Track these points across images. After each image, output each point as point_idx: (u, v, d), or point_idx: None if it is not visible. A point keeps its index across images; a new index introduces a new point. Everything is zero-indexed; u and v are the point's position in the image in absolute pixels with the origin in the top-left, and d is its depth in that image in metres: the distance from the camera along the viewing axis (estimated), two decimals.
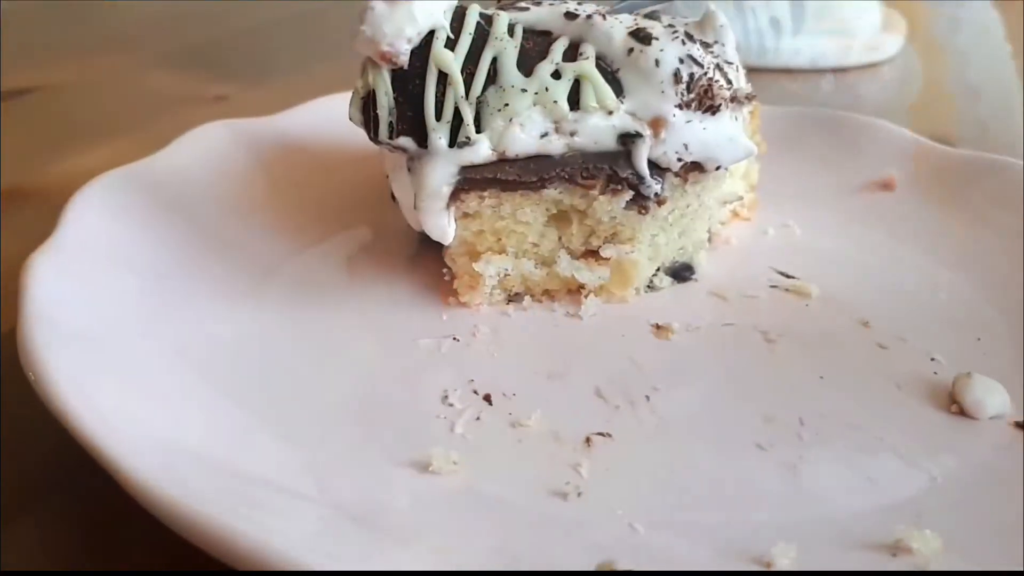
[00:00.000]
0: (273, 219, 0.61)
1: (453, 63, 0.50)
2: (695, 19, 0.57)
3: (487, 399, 0.47)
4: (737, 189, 0.63)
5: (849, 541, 0.38)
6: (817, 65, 1.05)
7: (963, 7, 1.33)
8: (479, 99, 0.51)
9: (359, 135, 0.54)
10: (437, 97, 0.51)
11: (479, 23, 0.52)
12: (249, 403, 0.45)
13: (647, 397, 0.47)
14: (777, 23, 1.05)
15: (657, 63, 0.52)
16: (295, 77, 0.98)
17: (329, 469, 0.41)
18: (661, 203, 0.54)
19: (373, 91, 0.51)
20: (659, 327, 0.53)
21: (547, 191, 0.53)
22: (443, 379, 0.48)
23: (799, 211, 0.66)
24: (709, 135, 0.53)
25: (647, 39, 0.52)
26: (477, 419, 0.45)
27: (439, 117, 0.51)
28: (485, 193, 0.53)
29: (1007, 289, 0.56)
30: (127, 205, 0.55)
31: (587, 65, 0.51)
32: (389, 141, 0.52)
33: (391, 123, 0.51)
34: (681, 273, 0.58)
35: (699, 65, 0.53)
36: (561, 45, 0.52)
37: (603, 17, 0.53)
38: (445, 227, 0.53)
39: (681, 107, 0.52)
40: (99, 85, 0.97)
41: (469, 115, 0.51)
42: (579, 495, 0.40)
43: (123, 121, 0.85)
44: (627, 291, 0.56)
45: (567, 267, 0.55)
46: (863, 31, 1.08)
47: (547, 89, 0.51)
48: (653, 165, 0.53)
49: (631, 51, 0.52)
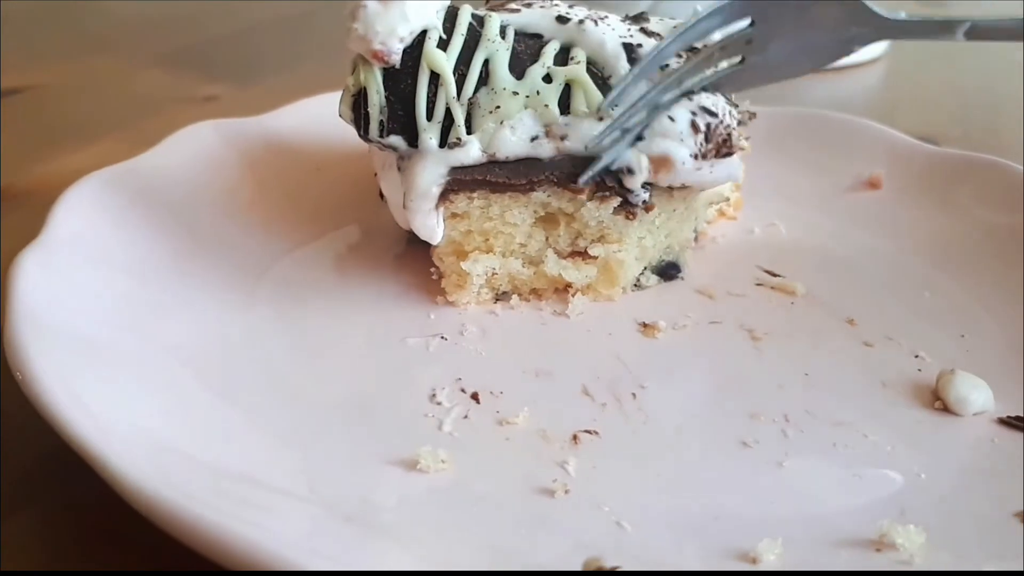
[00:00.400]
0: (262, 219, 0.61)
1: (445, 63, 0.50)
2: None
3: (475, 397, 0.47)
4: (723, 189, 0.63)
5: (834, 537, 0.38)
6: None
7: (948, 7, 1.34)
8: (471, 100, 0.51)
9: (348, 135, 0.54)
10: (428, 97, 0.51)
11: (471, 24, 0.52)
12: (238, 402, 0.45)
13: (634, 395, 0.48)
14: None
15: (672, 119, 0.52)
16: (284, 77, 0.98)
17: (318, 468, 0.41)
18: (649, 210, 0.54)
19: (364, 89, 0.51)
20: (646, 325, 0.54)
21: (536, 194, 0.53)
22: (431, 378, 0.48)
23: (785, 210, 0.66)
24: (711, 176, 0.53)
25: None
26: (465, 417, 0.45)
27: (430, 117, 0.51)
28: (474, 194, 0.53)
29: (991, 287, 0.56)
30: (115, 204, 0.55)
31: (578, 70, 0.52)
32: (379, 139, 0.52)
33: (382, 122, 0.51)
34: (668, 272, 0.58)
35: (714, 115, 0.52)
36: (552, 48, 0.52)
37: (595, 23, 0.53)
38: (434, 227, 0.53)
39: (696, 157, 0.52)
40: (89, 85, 0.97)
41: (460, 116, 0.51)
42: (566, 492, 0.41)
43: (113, 121, 0.85)
44: (614, 290, 0.56)
45: (554, 266, 0.55)
46: None
47: (538, 93, 0.51)
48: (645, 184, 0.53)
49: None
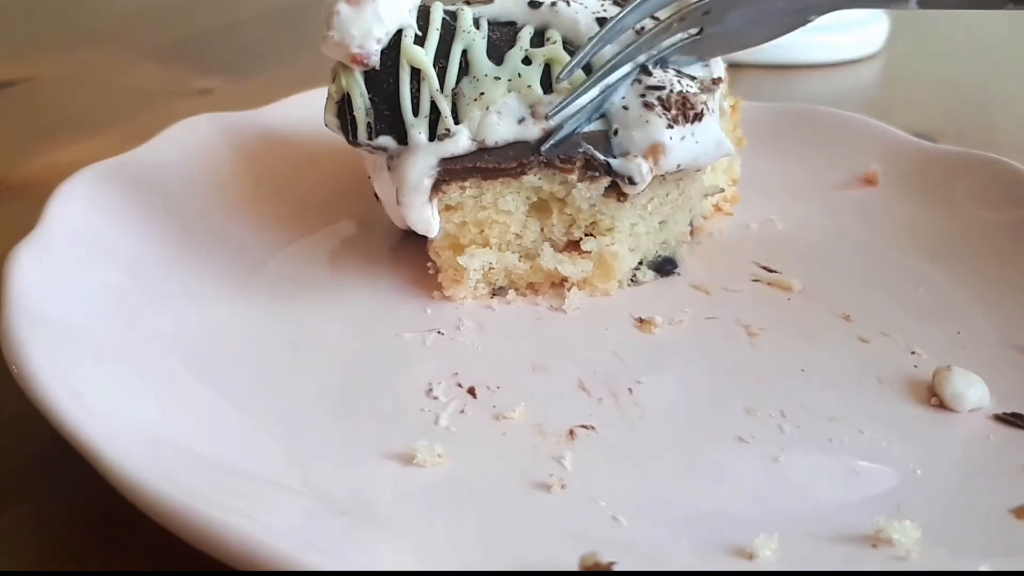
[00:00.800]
0: (257, 213, 0.61)
1: (424, 58, 0.51)
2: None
3: (471, 392, 0.47)
4: (719, 183, 0.63)
5: (830, 532, 0.38)
6: (800, 61, 1.05)
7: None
8: (454, 91, 0.51)
9: None
10: (412, 93, 0.51)
11: (444, 19, 0.52)
12: (233, 396, 0.45)
13: (630, 390, 0.47)
14: None
15: (627, 108, 0.52)
16: (279, 71, 0.98)
17: (314, 462, 0.41)
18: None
19: (347, 95, 0.51)
20: (642, 320, 0.54)
21: (527, 177, 0.53)
22: (427, 372, 0.48)
23: (781, 206, 0.66)
24: (700, 147, 0.53)
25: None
26: (461, 412, 0.45)
27: (416, 112, 0.51)
28: (466, 183, 0.53)
29: (987, 283, 0.56)
30: (111, 198, 0.55)
31: (556, 48, 0.52)
32: (368, 142, 0.52)
33: (369, 124, 0.51)
34: (664, 267, 0.58)
35: (660, 88, 0.53)
36: (527, 33, 0.53)
37: (567, 2, 0.54)
38: (429, 220, 0.53)
39: (672, 126, 0.52)
40: (83, 78, 0.96)
41: (446, 107, 0.51)
42: (562, 487, 0.40)
43: (107, 114, 0.85)
44: (610, 284, 0.56)
45: (550, 260, 0.55)
46: (846, 27, 1.09)
47: (520, 75, 0.51)
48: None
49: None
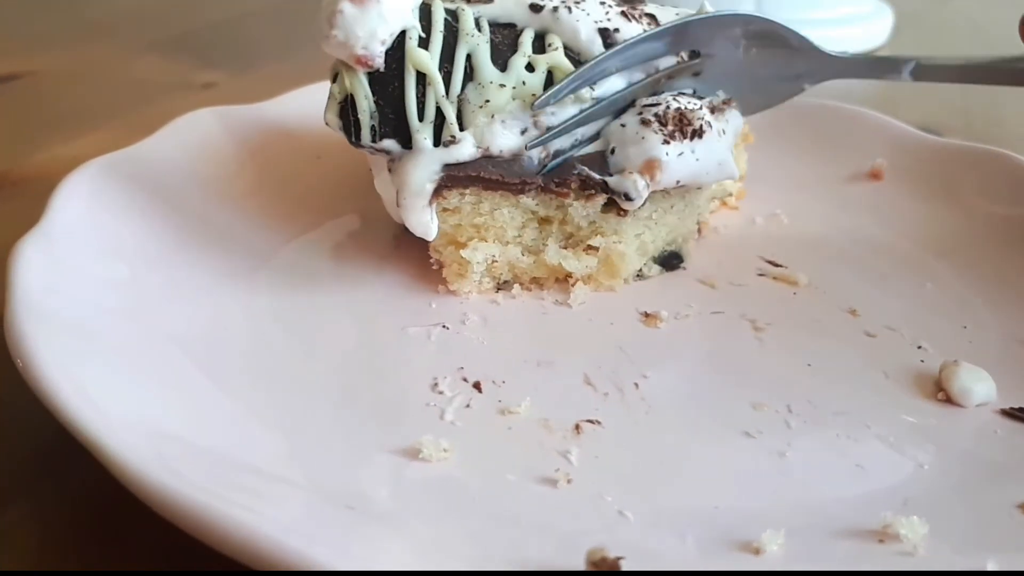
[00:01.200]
0: (261, 207, 0.61)
1: (430, 63, 0.50)
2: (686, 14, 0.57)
3: (477, 387, 0.47)
4: (727, 184, 0.63)
5: (837, 527, 0.38)
6: None
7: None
8: (459, 97, 0.51)
9: None
10: (418, 97, 0.50)
11: (446, 19, 0.52)
12: (238, 390, 0.45)
13: (636, 384, 0.47)
14: (763, 11, 1.05)
15: (623, 126, 0.53)
16: (283, 64, 0.98)
17: (319, 456, 0.41)
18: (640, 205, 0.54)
19: (350, 95, 0.51)
20: (648, 315, 0.53)
21: (524, 198, 0.53)
22: (433, 367, 0.48)
23: (787, 200, 0.66)
24: (700, 164, 0.53)
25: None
26: (467, 406, 0.45)
27: (422, 117, 0.50)
28: (466, 191, 0.53)
29: (994, 278, 0.56)
30: (115, 192, 0.55)
31: (558, 56, 0.52)
32: (372, 145, 0.51)
33: (373, 127, 0.51)
34: (670, 262, 0.58)
35: (655, 104, 0.53)
36: (528, 37, 0.52)
37: (569, 9, 0.53)
38: (428, 223, 0.53)
39: (668, 141, 0.52)
40: (86, 72, 0.96)
41: (451, 113, 0.50)
42: (568, 482, 0.40)
43: (110, 108, 0.84)
44: (615, 280, 0.56)
45: (554, 255, 0.55)
46: (850, 21, 1.08)
47: (524, 83, 0.51)
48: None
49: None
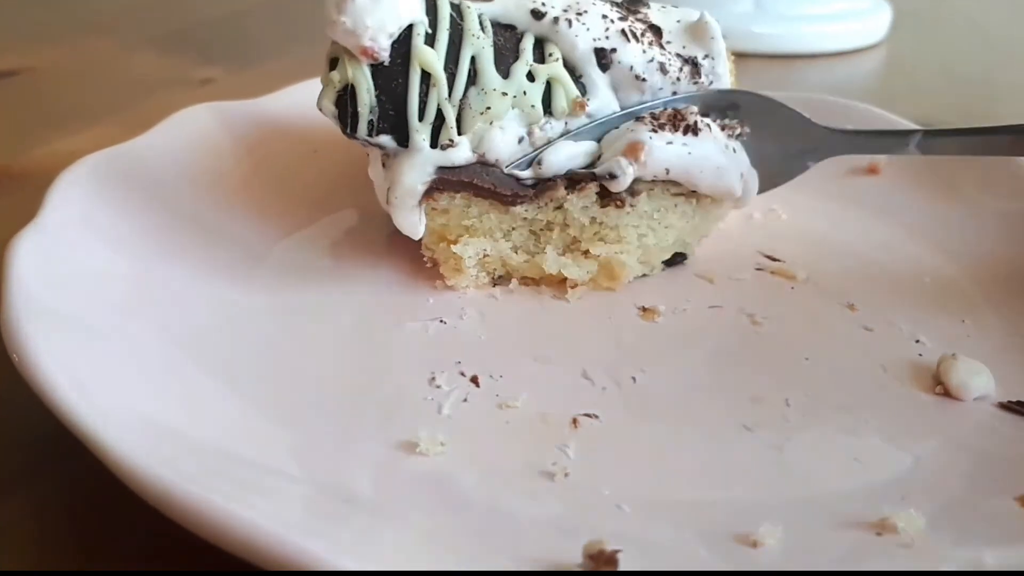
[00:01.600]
0: (258, 202, 0.61)
1: (437, 63, 0.49)
2: (689, 18, 0.57)
3: (474, 381, 0.47)
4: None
5: (835, 520, 0.38)
6: (803, 50, 1.05)
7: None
8: (461, 101, 0.50)
9: None
10: (420, 97, 0.50)
11: (452, 16, 0.51)
12: (235, 385, 0.45)
13: (633, 379, 0.47)
14: (762, 7, 1.05)
15: (616, 127, 0.53)
16: (280, 60, 0.98)
17: (316, 450, 0.41)
18: (635, 194, 0.53)
19: (350, 85, 0.50)
20: (645, 309, 0.53)
21: (515, 209, 0.53)
22: (430, 361, 0.48)
23: (785, 195, 0.66)
24: (692, 159, 0.53)
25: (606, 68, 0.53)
26: (464, 401, 0.45)
27: (422, 117, 0.50)
28: (457, 194, 0.53)
29: (992, 272, 0.56)
30: (112, 187, 0.55)
31: (557, 67, 0.52)
32: (367, 138, 0.51)
33: (371, 121, 0.50)
34: (673, 259, 0.58)
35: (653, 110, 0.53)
36: (529, 42, 0.52)
37: (569, 23, 0.53)
38: (415, 223, 0.53)
39: (656, 130, 0.52)
40: (84, 68, 0.96)
41: (452, 116, 0.50)
42: (566, 476, 0.40)
43: (108, 103, 0.84)
44: (616, 284, 0.55)
45: (553, 264, 0.54)
46: (848, 16, 1.08)
47: (524, 93, 0.51)
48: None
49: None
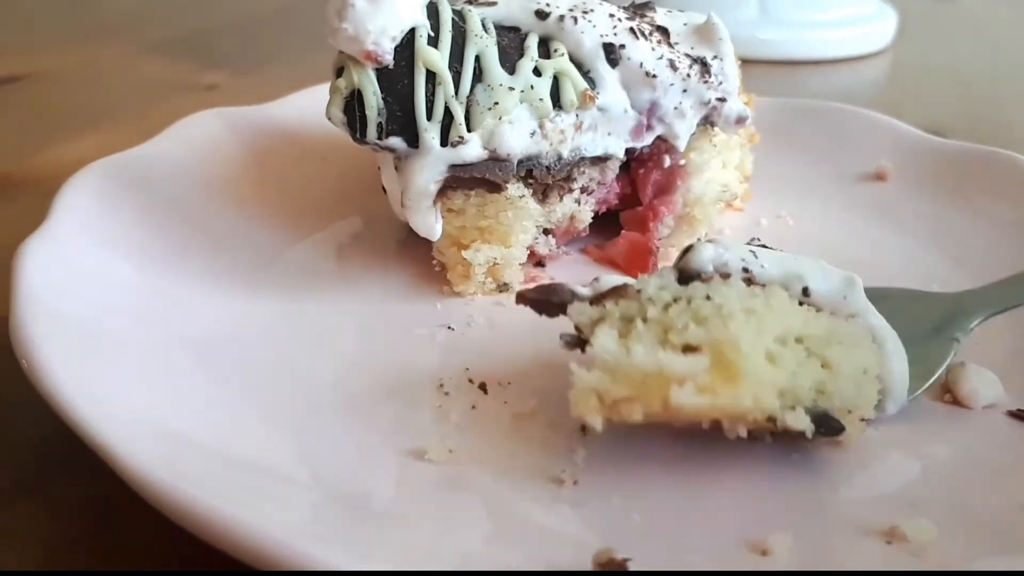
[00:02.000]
0: (266, 208, 0.61)
1: (441, 62, 0.50)
2: (695, 22, 0.57)
3: (482, 388, 0.47)
4: (731, 182, 0.63)
5: (845, 528, 0.38)
6: (810, 56, 1.05)
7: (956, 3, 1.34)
8: (468, 98, 0.51)
9: None
10: (427, 96, 0.50)
11: (454, 19, 0.52)
12: (244, 391, 0.45)
13: None
14: (768, 13, 1.05)
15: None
16: (287, 66, 0.98)
17: (325, 457, 0.41)
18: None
19: (357, 91, 0.50)
20: None
21: (531, 202, 0.54)
22: (439, 368, 0.48)
23: (792, 202, 0.66)
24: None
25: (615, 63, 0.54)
26: (473, 408, 0.45)
27: (430, 116, 0.50)
28: (471, 192, 0.53)
29: (999, 278, 0.56)
30: (120, 192, 0.55)
31: (563, 61, 0.52)
32: (377, 142, 0.51)
33: (380, 124, 0.50)
34: (826, 424, 0.41)
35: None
36: (534, 41, 0.52)
37: (575, 20, 0.53)
38: (432, 224, 0.53)
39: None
40: (91, 73, 0.96)
41: (460, 113, 0.50)
42: (575, 483, 0.40)
43: (115, 109, 0.85)
44: (738, 390, 0.39)
45: (645, 357, 0.39)
46: (855, 23, 1.08)
47: (532, 87, 0.51)
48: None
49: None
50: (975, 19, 1.28)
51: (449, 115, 0.50)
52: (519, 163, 0.52)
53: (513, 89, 0.51)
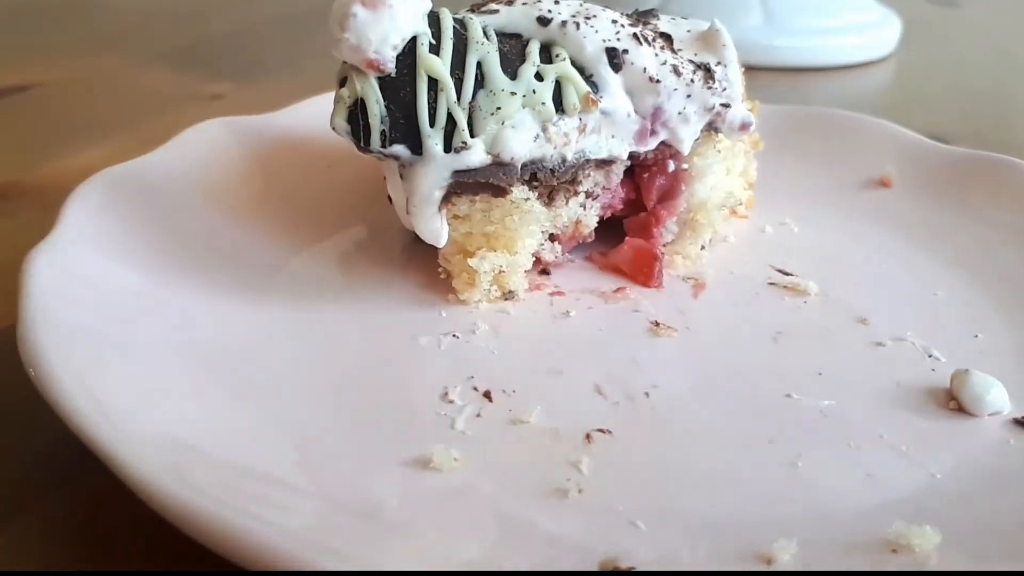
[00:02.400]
0: (271, 217, 0.61)
1: (443, 69, 0.50)
2: (698, 28, 0.57)
3: (487, 396, 0.47)
4: (735, 188, 0.63)
5: (849, 537, 0.38)
6: (812, 63, 1.05)
7: (958, 5, 1.33)
8: (471, 104, 0.51)
9: None
10: (429, 103, 0.50)
11: (455, 27, 0.52)
12: (250, 400, 0.45)
13: (646, 394, 0.47)
14: (772, 20, 1.05)
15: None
16: (291, 75, 0.98)
17: (330, 466, 0.41)
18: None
19: (360, 99, 0.50)
20: (658, 324, 0.53)
21: (536, 205, 0.54)
22: (443, 376, 0.48)
23: (797, 209, 0.66)
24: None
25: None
26: (477, 416, 0.45)
27: (433, 123, 0.50)
28: (476, 197, 0.53)
29: (1005, 286, 0.56)
30: (125, 202, 0.55)
31: (566, 66, 0.52)
32: (381, 150, 0.51)
33: (383, 132, 0.50)
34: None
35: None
36: (535, 47, 0.52)
37: (577, 25, 0.53)
38: (438, 230, 0.53)
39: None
40: (95, 83, 0.97)
41: (463, 119, 0.50)
42: (580, 492, 0.40)
43: (119, 119, 0.85)
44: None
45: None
46: (858, 30, 1.08)
47: (534, 91, 0.51)
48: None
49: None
50: (979, 26, 1.28)
51: (452, 121, 0.51)
52: (523, 167, 0.52)
53: (515, 94, 0.51)
